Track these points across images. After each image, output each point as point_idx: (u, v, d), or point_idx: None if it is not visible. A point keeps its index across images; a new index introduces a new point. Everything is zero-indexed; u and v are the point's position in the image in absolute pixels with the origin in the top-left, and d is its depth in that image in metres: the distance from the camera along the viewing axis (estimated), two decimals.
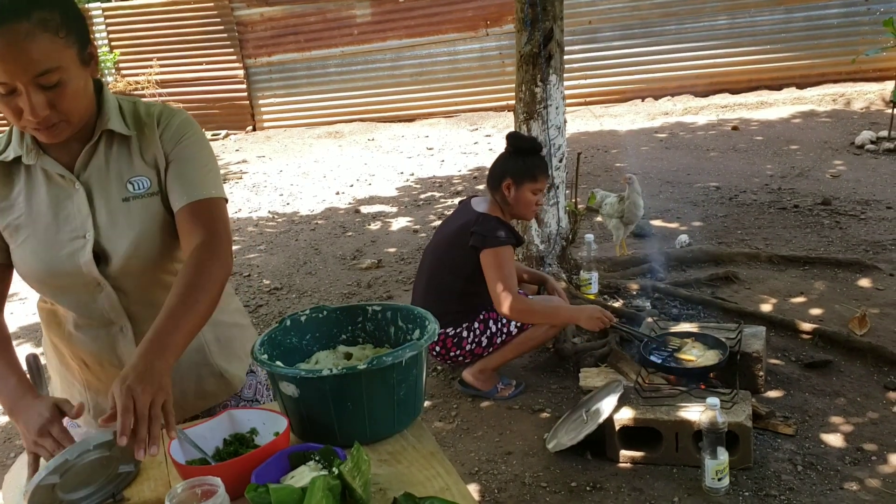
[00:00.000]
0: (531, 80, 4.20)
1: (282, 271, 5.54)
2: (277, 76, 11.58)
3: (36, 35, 1.34)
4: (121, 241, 1.55)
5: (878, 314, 3.92)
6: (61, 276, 1.56)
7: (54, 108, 1.41)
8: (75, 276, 1.56)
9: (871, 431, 3.01)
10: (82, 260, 1.54)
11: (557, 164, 4.33)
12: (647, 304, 4.20)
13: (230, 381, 1.77)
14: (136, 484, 1.42)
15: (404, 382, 1.47)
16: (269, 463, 1.32)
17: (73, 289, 1.59)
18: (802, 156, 7.26)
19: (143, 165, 1.59)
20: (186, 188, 1.58)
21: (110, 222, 1.56)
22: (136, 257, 1.57)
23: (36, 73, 1.36)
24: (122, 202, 1.57)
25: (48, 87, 1.39)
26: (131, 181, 1.57)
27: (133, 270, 1.58)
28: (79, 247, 1.55)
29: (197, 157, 1.61)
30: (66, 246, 1.55)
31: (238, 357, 1.80)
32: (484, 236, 3.27)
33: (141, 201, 1.57)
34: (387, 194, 7.50)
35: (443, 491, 1.30)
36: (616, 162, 7.75)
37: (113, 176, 1.57)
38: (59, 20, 1.38)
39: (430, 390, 3.65)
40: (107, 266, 1.56)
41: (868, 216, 5.41)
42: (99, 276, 1.56)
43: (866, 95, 9.33)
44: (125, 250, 1.55)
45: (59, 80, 1.39)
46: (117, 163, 1.58)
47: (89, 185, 1.57)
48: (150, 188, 1.58)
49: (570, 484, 2.83)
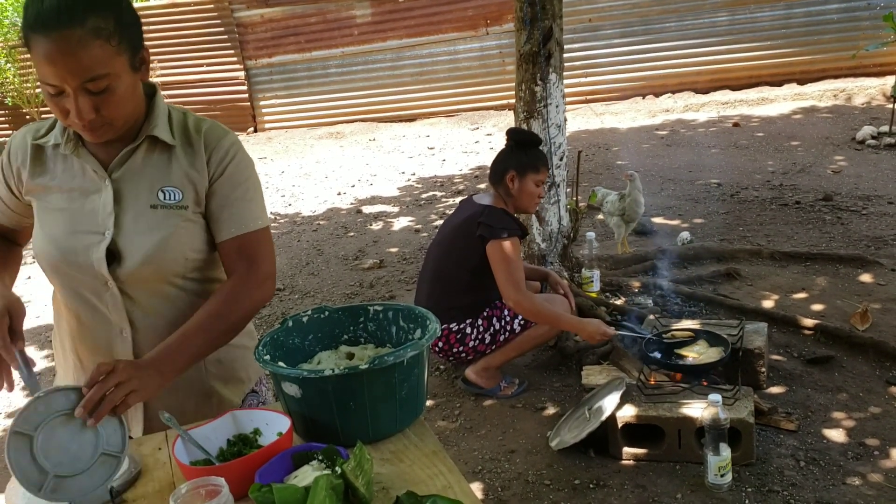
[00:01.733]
0: (531, 78, 4.21)
1: (284, 272, 5.56)
2: (278, 77, 11.59)
3: (88, 42, 1.36)
4: (138, 246, 1.56)
5: (880, 309, 3.92)
6: (72, 266, 1.58)
7: (100, 111, 1.43)
8: (86, 270, 1.58)
9: (873, 426, 3.01)
10: (95, 255, 1.56)
11: (558, 163, 4.33)
12: (648, 301, 4.20)
13: (219, 404, 1.73)
14: (139, 485, 1.43)
15: (406, 382, 1.47)
16: (272, 463, 1.33)
17: (81, 282, 1.60)
18: (803, 152, 7.26)
19: (180, 177, 1.59)
20: (234, 220, 1.62)
21: (132, 225, 1.56)
22: (148, 264, 1.57)
23: (85, 78, 1.38)
24: (149, 208, 1.57)
25: (95, 93, 1.40)
26: (164, 190, 1.58)
27: (143, 276, 1.59)
28: (95, 241, 1.56)
29: (244, 186, 1.63)
30: (83, 238, 1.57)
31: (238, 379, 1.78)
32: (491, 227, 3.29)
33: (168, 211, 1.58)
34: (388, 194, 7.51)
35: (445, 489, 1.31)
36: (617, 160, 7.76)
37: (146, 181, 1.58)
38: (113, 27, 1.39)
39: (433, 389, 3.66)
40: (118, 267, 1.57)
41: (869, 211, 5.41)
42: (107, 274, 1.57)
43: (867, 90, 9.33)
44: (140, 255, 1.56)
45: (108, 86, 1.41)
46: (154, 170, 1.58)
47: (120, 185, 1.57)
48: (182, 201, 1.59)
49: (574, 482, 2.84)
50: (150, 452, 1.53)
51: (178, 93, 11.54)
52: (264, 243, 1.66)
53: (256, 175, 1.68)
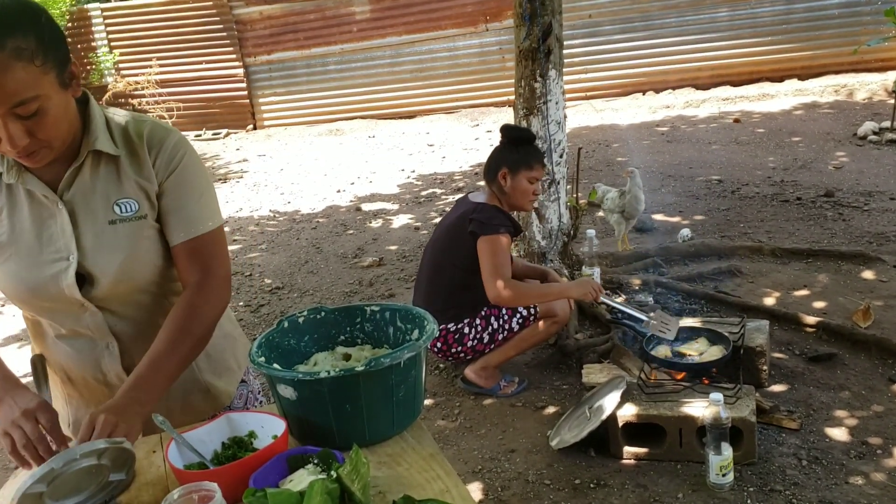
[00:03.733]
0: (530, 75, 4.18)
1: (283, 270, 5.54)
2: (277, 74, 11.56)
3: (10, 65, 1.27)
4: (107, 265, 1.51)
5: (883, 306, 3.89)
6: (44, 298, 1.52)
7: (34, 136, 1.35)
8: (58, 298, 1.52)
9: (876, 425, 2.99)
10: (65, 283, 1.50)
11: (558, 160, 4.31)
12: (649, 299, 4.18)
13: (217, 396, 1.74)
14: (133, 489, 1.41)
15: (403, 383, 1.45)
16: (267, 467, 1.30)
17: (57, 309, 1.55)
18: (805, 147, 7.23)
19: (132, 187, 1.53)
20: (183, 224, 1.56)
21: (96, 245, 1.51)
22: (123, 281, 1.53)
23: (12, 104, 1.30)
24: (108, 224, 1.51)
25: (26, 117, 1.32)
26: (119, 203, 1.52)
27: (120, 293, 1.55)
28: (62, 268, 1.50)
29: (192, 186, 1.57)
30: (49, 267, 1.50)
31: (229, 369, 1.77)
32: (482, 223, 3.27)
33: (128, 224, 1.52)
34: (388, 191, 7.48)
35: (442, 493, 1.29)
36: (617, 156, 7.73)
37: (99, 198, 1.51)
38: (35, 46, 1.31)
39: (433, 388, 3.64)
40: (92, 288, 1.52)
41: (871, 207, 5.39)
42: (81, 298, 1.52)
43: (868, 86, 9.29)
44: (112, 274, 1.51)
45: (38, 109, 1.33)
46: (104, 184, 1.52)
47: (74, 206, 1.51)
48: (139, 211, 1.53)
49: (574, 481, 2.82)
50: (144, 455, 1.51)
51: (177, 90, 11.51)
52: (217, 245, 1.60)
53: (205, 173, 1.62)
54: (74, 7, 11.68)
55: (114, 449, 1.31)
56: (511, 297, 3.24)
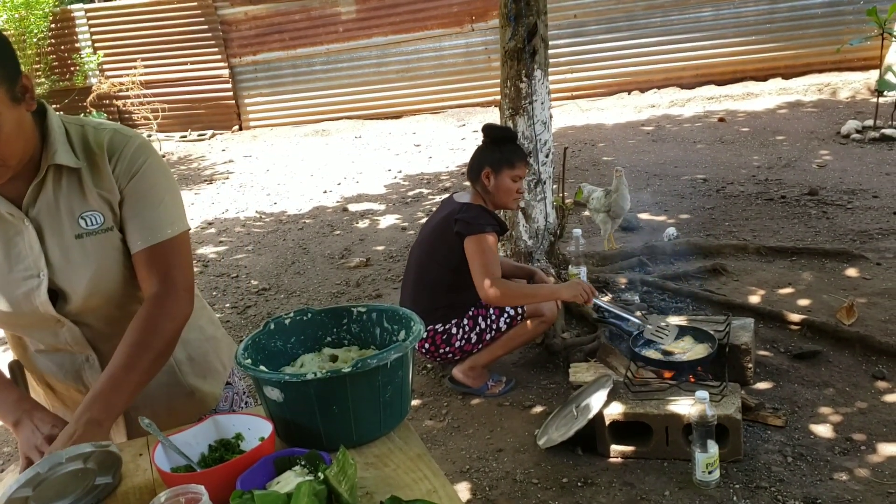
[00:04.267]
0: (516, 75, 4.19)
1: (270, 272, 5.52)
2: (263, 75, 11.53)
3: None
4: (77, 280, 1.49)
5: (866, 303, 3.93)
6: (19, 316, 1.50)
7: None
8: (33, 315, 1.50)
9: (859, 421, 3.02)
10: (38, 300, 1.48)
11: (544, 160, 4.32)
12: (635, 298, 4.20)
13: (203, 399, 1.72)
14: (119, 493, 1.40)
15: (390, 384, 1.45)
16: (254, 469, 1.30)
17: (33, 325, 1.54)
18: (789, 146, 7.29)
19: (95, 199, 1.49)
20: (142, 231, 1.52)
21: (64, 260, 1.49)
22: (95, 295, 1.51)
23: None
24: (75, 239, 1.48)
25: None
26: (83, 216, 1.49)
27: (93, 307, 1.53)
28: (33, 286, 1.48)
29: (152, 192, 1.53)
30: (20, 286, 1.48)
31: (214, 371, 1.76)
32: (468, 223, 3.27)
33: (95, 238, 1.50)
34: (375, 192, 7.48)
35: (430, 493, 1.29)
36: (603, 156, 7.75)
37: (64, 212, 1.48)
38: None
39: (420, 389, 3.64)
40: (65, 304, 1.50)
41: (855, 206, 5.43)
42: (56, 314, 1.50)
43: (852, 85, 9.37)
44: (83, 289, 1.49)
45: None
46: (67, 198, 1.48)
47: (39, 222, 1.48)
48: (104, 224, 1.50)
49: (562, 480, 2.83)
50: (130, 459, 1.51)
51: (162, 91, 11.45)
52: (178, 253, 1.56)
53: (168, 178, 1.58)
54: (58, 8, 11.60)
55: (100, 452, 1.31)
56: (500, 297, 3.24)
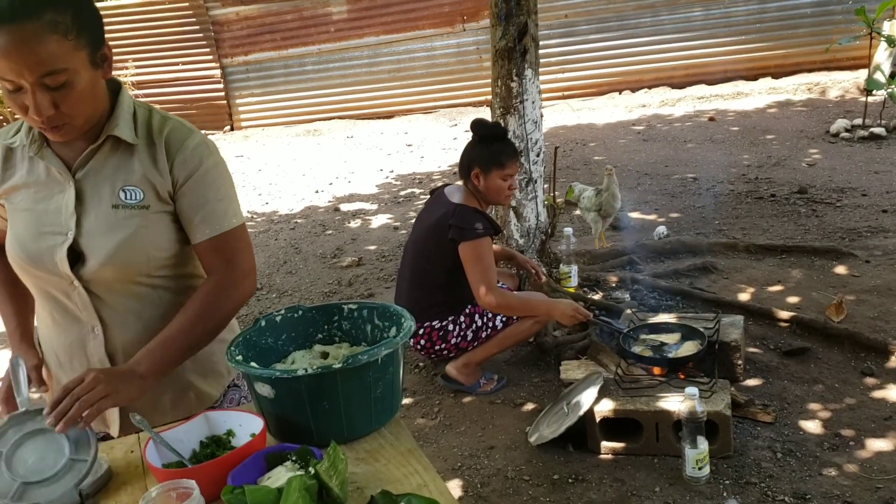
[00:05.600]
0: (507, 74, 4.20)
1: (262, 271, 5.52)
2: (254, 75, 11.52)
3: (44, 36, 1.34)
4: (100, 247, 1.55)
5: (855, 301, 3.96)
6: (39, 267, 1.58)
7: (59, 108, 1.41)
8: (51, 270, 1.57)
9: (848, 417, 3.04)
10: (58, 256, 1.55)
11: (535, 159, 4.33)
12: (626, 296, 4.22)
13: (197, 397, 1.73)
14: (111, 487, 1.41)
15: (381, 380, 1.46)
16: (245, 464, 1.31)
17: (49, 282, 1.60)
18: (779, 145, 7.32)
19: (141, 177, 1.57)
20: (208, 222, 1.61)
21: (94, 226, 1.55)
22: (111, 265, 1.56)
23: (41, 73, 1.36)
24: (111, 208, 1.56)
25: (54, 88, 1.39)
26: (125, 189, 1.56)
27: (107, 277, 1.57)
28: (57, 243, 1.55)
29: (216, 186, 1.61)
30: (46, 240, 1.56)
31: (217, 373, 1.77)
32: (461, 229, 3.27)
33: (129, 211, 1.56)
34: (367, 191, 7.48)
35: (420, 488, 1.30)
36: (594, 155, 7.78)
37: (108, 180, 1.56)
38: (70, 22, 1.37)
39: (412, 387, 3.65)
40: (81, 267, 1.56)
41: (844, 204, 5.47)
42: (70, 274, 1.56)
43: (841, 84, 9.42)
44: (103, 256, 1.55)
45: (66, 82, 1.39)
46: (115, 169, 1.57)
47: (83, 186, 1.56)
48: (143, 201, 1.57)
49: (553, 476, 2.84)
50: (122, 455, 1.51)
51: (154, 91, 11.43)
52: (241, 240, 1.66)
53: (227, 171, 1.67)
54: None
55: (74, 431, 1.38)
56: (497, 307, 3.28)
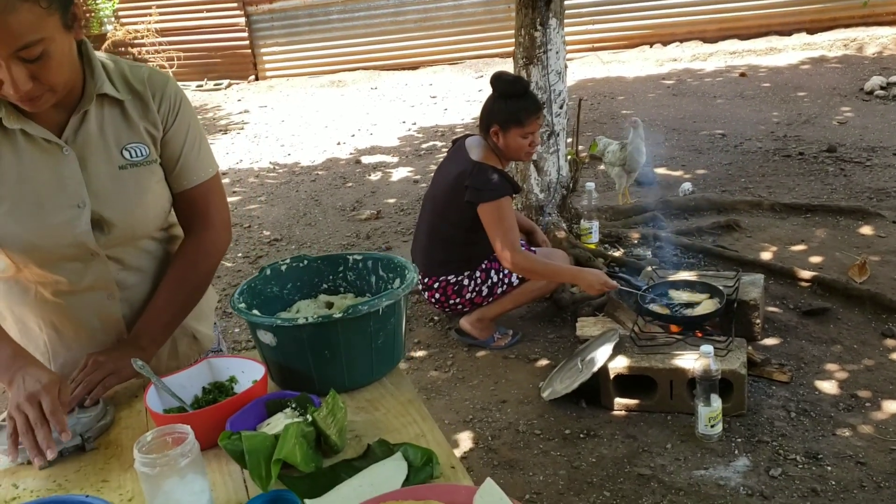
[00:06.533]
0: (530, 23, 4.11)
1: (282, 223, 5.53)
2: (279, 24, 11.39)
3: (15, 6, 1.23)
4: (120, 211, 1.50)
5: (879, 261, 3.88)
6: (51, 247, 1.48)
7: (37, 79, 1.32)
8: (67, 247, 1.49)
9: (865, 378, 3.00)
10: (79, 230, 1.47)
11: (558, 111, 4.26)
12: (647, 253, 4.17)
13: (201, 341, 1.76)
14: (112, 432, 1.42)
15: (382, 331, 1.46)
16: (244, 410, 1.31)
17: (61, 259, 1.51)
18: (810, 102, 7.14)
19: (141, 132, 1.52)
20: (184, 172, 1.60)
21: (108, 190, 1.49)
22: (133, 226, 1.54)
23: (16, 47, 1.26)
24: (118, 170, 1.50)
25: (30, 60, 1.29)
26: (128, 147, 1.51)
27: (128, 238, 1.55)
28: (73, 216, 1.46)
29: (190, 134, 1.59)
30: (58, 215, 1.46)
31: (206, 316, 1.80)
32: (479, 190, 3.22)
33: (138, 169, 1.52)
34: (388, 144, 7.43)
35: (418, 437, 1.30)
36: (622, 109, 7.64)
37: (109, 143, 1.50)
38: None
39: (427, 340, 3.65)
40: (103, 235, 1.50)
41: (874, 163, 5.33)
42: (96, 246, 1.50)
43: (879, 40, 9.12)
44: (125, 219, 1.51)
45: (43, 52, 1.29)
46: (113, 129, 1.50)
47: (82, 152, 1.47)
48: (149, 156, 1.53)
49: (564, 431, 2.85)
50: (126, 401, 1.53)
51: (177, 39, 11.36)
52: (215, 192, 1.66)
53: (197, 119, 1.64)
54: None
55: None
56: (522, 269, 3.26)
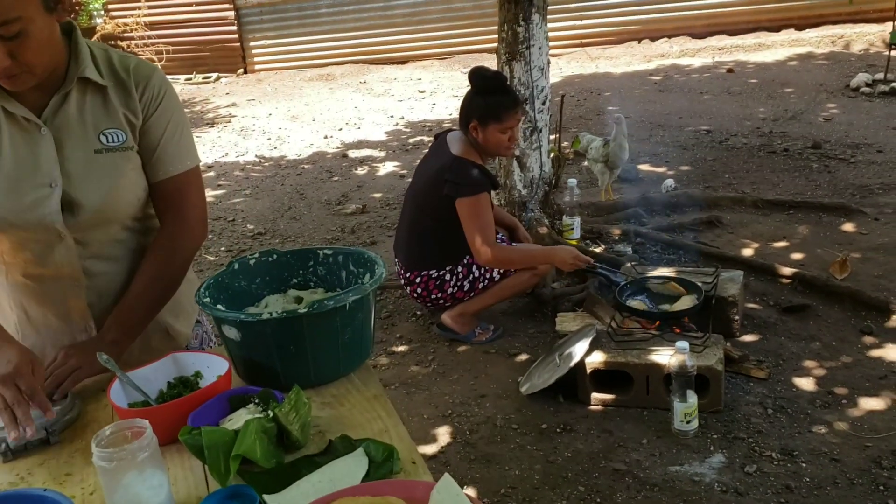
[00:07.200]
0: (513, 19, 4.10)
1: (266, 216, 5.52)
2: (268, 17, 11.35)
3: None
4: (91, 194, 1.51)
5: (860, 258, 3.90)
6: (19, 226, 1.49)
7: (15, 58, 1.34)
8: (35, 227, 1.50)
9: (843, 375, 3.02)
10: (47, 210, 1.48)
11: (540, 107, 4.26)
12: (627, 249, 4.18)
13: (175, 337, 1.75)
14: (79, 426, 1.42)
15: (349, 326, 1.45)
16: (207, 405, 1.31)
17: (29, 239, 1.52)
18: (796, 99, 7.17)
19: (120, 119, 1.53)
20: (165, 161, 1.59)
21: (81, 173, 1.50)
22: (104, 211, 1.53)
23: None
24: (93, 153, 1.51)
25: (8, 38, 1.31)
26: (105, 132, 1.52)
27: (98, 224, 1.55)
28: (44, 195, 1.47)
29: (173, 123, 1.60)
30: (28, 194, 1.47)
31: (185, 311, 1.78)
32: (457, 184, 3.22)
33: (114, 155, 1.52)
34: (375, 138, 7.42)
35: (381, 433, 1.30)
36: (608, 105, 7.65)
37: (86, 126, 1.51)
38: None
39: (408, 335, 3.66)
40: (72, 217, 1.51)
41: (858, 160, 5.36)
42: (63, 227, 1.50)
43: (866, 37, 9.16)
44: (96, 203, 1.51)
45: (21, 31, 1.32)
46: (92, 113, 1.52)
47: (59, 134, 1.49)
48: (125, 142, 1.54)
49: (541, 426, 2.85)
50: (93, 395, 1.52)
51: (167, 33, 11.30)
52: (194, 185, 1.65)
53: (184, 113, 1.65)
54: None
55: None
56: (497, 262, 3.28)
